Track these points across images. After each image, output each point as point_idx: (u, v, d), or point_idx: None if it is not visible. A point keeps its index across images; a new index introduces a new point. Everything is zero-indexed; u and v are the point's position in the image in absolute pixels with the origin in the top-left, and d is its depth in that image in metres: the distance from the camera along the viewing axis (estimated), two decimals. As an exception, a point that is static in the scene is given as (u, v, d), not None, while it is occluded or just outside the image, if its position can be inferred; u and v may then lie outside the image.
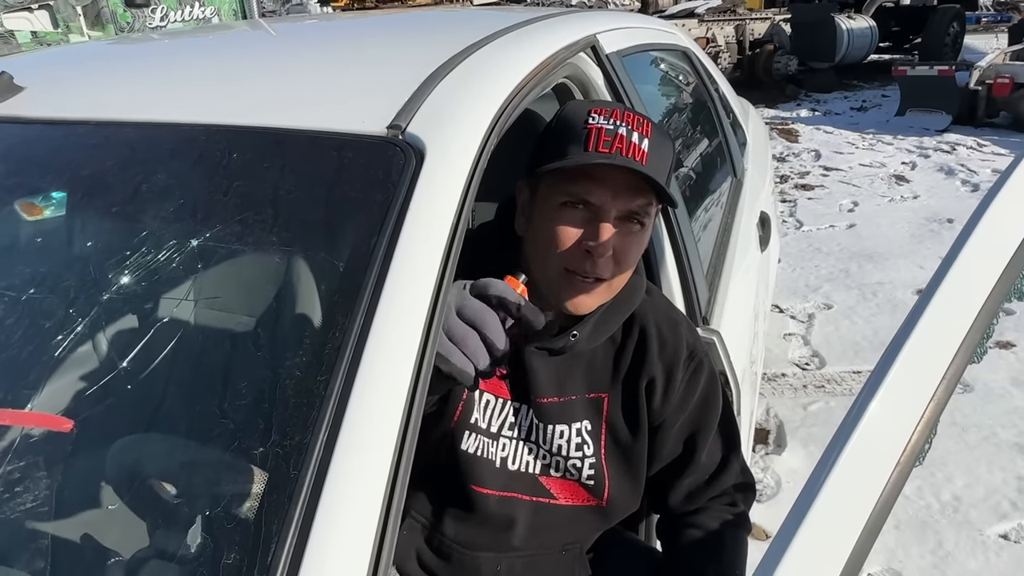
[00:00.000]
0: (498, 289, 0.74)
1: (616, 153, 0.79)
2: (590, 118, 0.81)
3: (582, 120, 0.82)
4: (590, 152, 0.79)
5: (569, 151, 0.80)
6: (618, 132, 0.80)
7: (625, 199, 0.81)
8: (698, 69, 2.26)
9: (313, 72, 0.99)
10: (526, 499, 0.94)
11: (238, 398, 0.57)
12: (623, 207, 0.81)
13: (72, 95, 0.97)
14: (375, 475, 0.53)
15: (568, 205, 0.82)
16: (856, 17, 10.28)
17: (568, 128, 0.83)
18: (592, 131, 0.80)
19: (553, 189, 0.83)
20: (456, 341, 0.70)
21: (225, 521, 0.52)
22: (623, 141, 0.79)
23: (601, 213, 0.81)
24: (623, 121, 0.81)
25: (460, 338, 0.70)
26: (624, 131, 0.80)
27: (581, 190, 0.81)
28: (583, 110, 0.83)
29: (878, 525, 0.45)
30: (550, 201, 0.83)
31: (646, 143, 0.80)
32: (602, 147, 0.79)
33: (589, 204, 0.81)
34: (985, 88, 7.16)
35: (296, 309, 0.67)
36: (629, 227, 0.83)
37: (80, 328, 0.65)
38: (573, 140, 0.81)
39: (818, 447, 2.48)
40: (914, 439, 0.46)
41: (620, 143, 0.79)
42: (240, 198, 0.70)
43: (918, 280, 3.79)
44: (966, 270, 0.52)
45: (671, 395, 0.94)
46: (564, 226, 0.82)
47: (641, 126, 0.81)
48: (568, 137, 0.82)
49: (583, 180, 0.81)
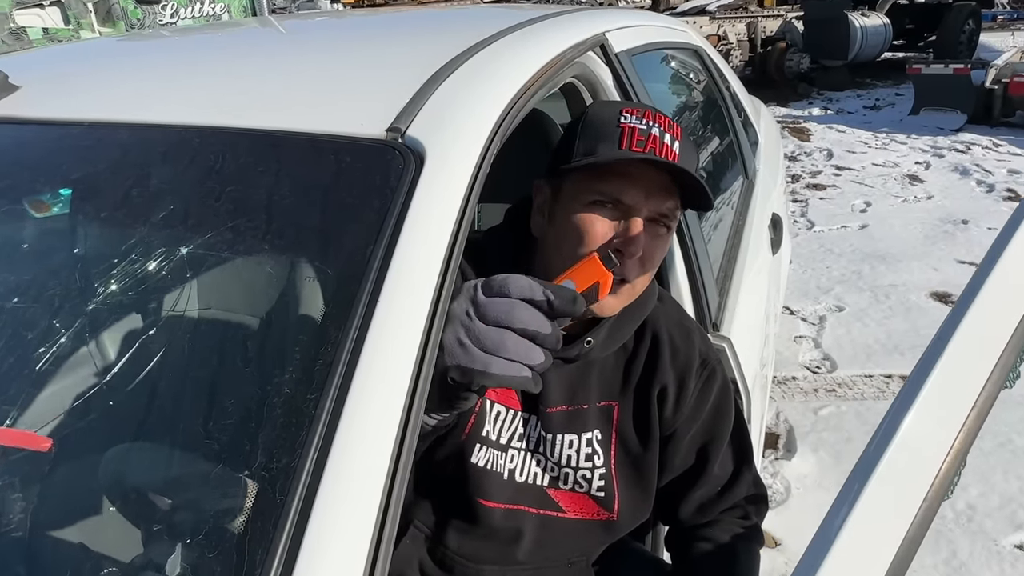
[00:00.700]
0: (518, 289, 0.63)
1: (650, 152, 0.77)
2: (622, 117, 0.80)
3: (614, 119, 0.80)
4: (624, 150, 0.77)
5: (599, 149, 0.79)
6: (651, 132, 0.78)
7: (658, 200, 0.80)
8: (709, 68, 2.22)
9: (313, 72, 0.96)
10: (533, 512, 0.91)
11: (222, 417, 0.54)
12: (655, 208, 0.80)
13: (67, 95, 0.95)
14: (366, 501, 0.50)
15: (598, 204, 0.79)
16: (870, 14, 10.16)
17: (598, 126, 0.81)
18: (625, 130, 0.78)
19: (582, 187, 0.80)
20: (492, 349, 0.60)
21: (206, 550, 0.49)
22: (656, 141, 0.78)
23: (633, 212, 0.79)
24: (656, 122, 0.80)
25: (496, 345, 0.60)
26: (657, 132, 0.79)
27: (613, 188, 0.79)
28: (614, 109, 0.82)
29: (904, 564, 0.42)
30: (578, 199, 0.80)
31: (677, 145, 0.79)
32: (636, 146, 0.77)
33: (620, 203, 0.79)
34: (1001, 87, 7.06)
35: (286, 322, 0.64)
36: (656, 230, 0.81)
37: (63, 339, 0.62)
38: (604, 139, 0.79)
39: (828, 453, 2.44)
40: (943, 472, 0.43)
41: (654, 143, 0.78)
42: (231, 203, 0.67)
43: (932, 282, 3.73)
44: (1000, 287, 0.48)
45: (683, 404, 0.92)
46: (593, 224, 0.79)
47: (672, 128, 0.80)
48: (599, 135, 0.80)
49: (615, 178, 0.79)
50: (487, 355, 0.61)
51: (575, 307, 0.65)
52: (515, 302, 0.63)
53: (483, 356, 0.61)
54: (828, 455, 2.43)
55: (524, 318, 0.62)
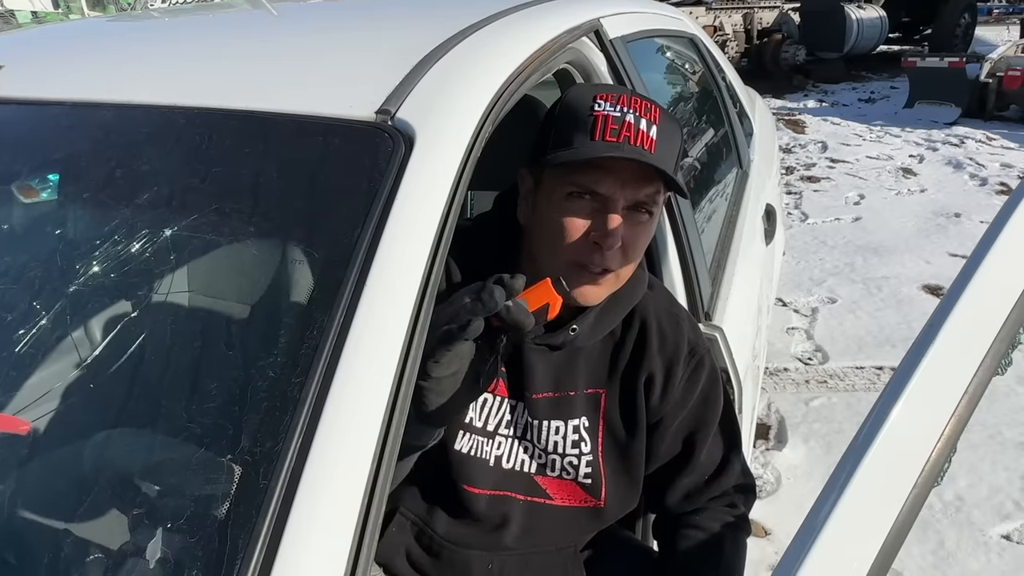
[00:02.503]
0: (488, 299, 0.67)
1: (624, 142, 0.76)
2: (595, 104, 0.78)
3: (587, 106, 0.79)
4: (596, 142, 0.76)
5: (575, 140, 0.78)
6: (625, 120, 0.77)
7: (633, 188, 0.79)
8: (705, 57, 2.20)
9: (303, 54, 0.95)
10: (520, 498, 0.91)
11: (206, 401, 0.54)
12: (631, 197, 0.79)
13: (50, 74, 0.93)
14: (352, 486, 0.49)
15: (575, 196, 0.79)
16: (866, 7, 10.14)
17: (573, 115, 0.79)
18: (598, 119, 0.77)
19: (559, 179, 0.80)
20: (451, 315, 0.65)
21: (188, 535, 0.48)
22: (631, 129, 0.77)
23: (609, 203, 0.78)
24: (630, 107, 0.78)
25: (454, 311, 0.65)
26: (631, 118, 0.77)
27: (588, 180, 0.78)
28: (588, 95, 0.80)
29: (893, 550, 0.42)
30: (556, 191, 0.80)
31: (654, 130, 0.78)
32: (609, 135, 0.76)
33: (596, 194, 0.78)
34: (996, 81, 7.07)
35: (271, 305, 0.63)
36: (637, 217, 0.81)
37: (46, 322, 0.61)
38: (579, 128, 0.78)
39: (819, 443, 2.45)
40: (933, 459, 0.43)
41: (628, 131, 0.76)
42: (217, 185, 0.66)
43: (924, 275, 3.74)
44: (991, 276, 0.48)
45: (670, 392, 0.92)
46: (571, 218, 0.79)
47: (649, 112, 0.79)
48: (573, 124, 0.79)
49: (590, 170, 0.78)
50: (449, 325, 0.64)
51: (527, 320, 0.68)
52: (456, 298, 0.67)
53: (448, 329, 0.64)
54: (819, 446, 2.44)
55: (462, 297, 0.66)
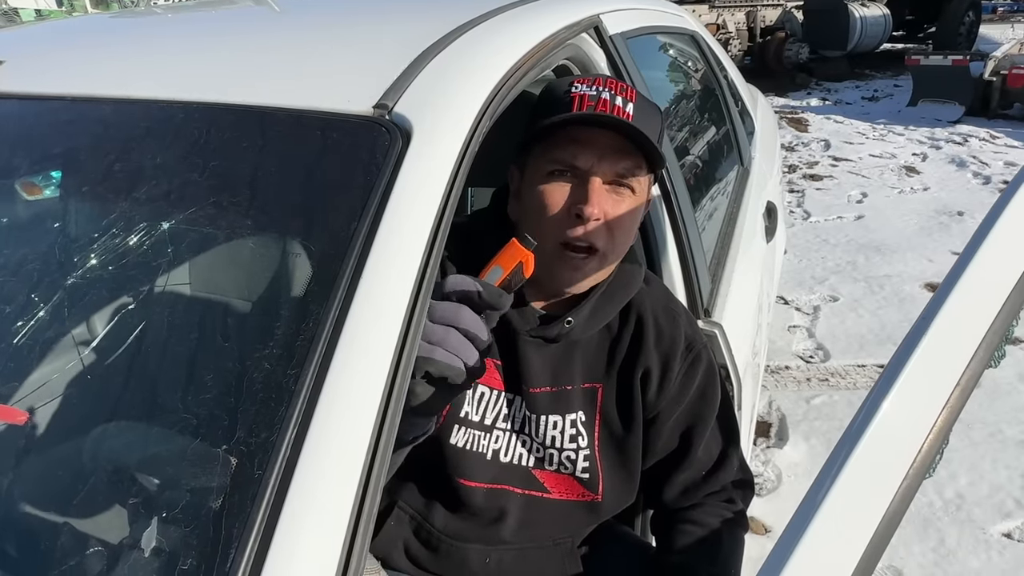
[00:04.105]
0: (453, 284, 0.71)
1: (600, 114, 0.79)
2: (573, 87, 0.82)
3: (564, 90, 0.82)
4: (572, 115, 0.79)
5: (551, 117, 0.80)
6: (601, 96, 0.80)
7: (612, 160, 0.80)
8: (706, 54, 2.20)
9: (301, 48, 0.95)
10: (518, 492, 0.91)
11: (201, 391, 0.54)
12: (610, 168, 0.81)
13: (51, 69, 0.93)
14: (346, 476, 0.49)
15: (556, 174, 0.81)
16: (870, 4, 10.11)
17: (551, 100, 0.83)
18: (575, 98, 0.80)
19: (540, 161, 0.82)
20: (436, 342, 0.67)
21: (183, 523, 0.49)
22: (606, 104, 0.79)
23: (589, 176, 0.80)
24: (606, 87, 0.81)
25: (440, 339, 0.67)
26: (607, 95, 0.80)
27: (567, 155, 0.80)
28: (565, 82, 0.84)
29: (884, 541, 0.42)
30: (538, 173, 0.83)
31: (631, 106, 0.80)
32: (585, 111, 0.79)
33: (576, 169, 0.81)
34: (1000, 79, 7.04)
35: (267, 297, 0.64)
36: (619, 191, 0.82)
37: (44, 315, 0.61)
38: (557, 110, 0.80)
39: (820, 441, 2.45)
40: (925, 449, 0.43)
41: (604, 106, 0.79)
42: (215, 179, 0.66)
43: (926, 274, 3.74)
44: (984, 268, 0.48)
45: (666, 387, 0.92)
46: (552, 193, 0.81)
47: (625, 91, 0.82)
48: (552, 108, 0.81)
49: (568, 144, 0.80)
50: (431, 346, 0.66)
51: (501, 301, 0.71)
52: (460, 306, 0.69)
53: (427, 346, 0.66)
54: (820, 443, 2.44)
55: (467, 320, 0.68)
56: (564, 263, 0.82)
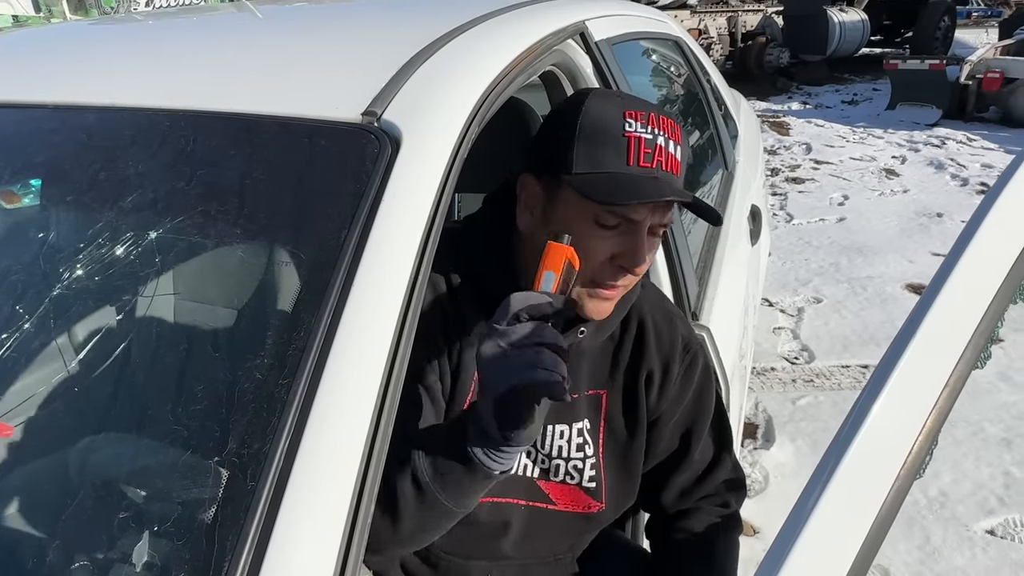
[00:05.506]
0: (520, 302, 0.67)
1: (658, 168, 0.75)
2: (627, 124, 0.75)
3: (618, 126, 0.75)
4: (632, 168, 0.74)
5: (607, 161, 0.75)
6: (657, 143, 0.75)
7: (662, 214, 0.78)
8: (690, 59, 2.22)
9: (288, 56, 0.94)
10: (522, 504, 0.90)
11: (192, 402, 0.53)
12: (658, 221, 0.78)
13: (31, 77, 0.92)
14: (340, 487, 0.49)
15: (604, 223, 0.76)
16: (848, 10, 10.27)
17: (601, 132, 0.76)
18: (631, 141, 0.74)
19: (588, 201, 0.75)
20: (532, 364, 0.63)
21: (175, 536, 0.48)
22: (662, 153, 0.75)
23: (638, 228, 0.76)
24: (660, 128, 0.76)
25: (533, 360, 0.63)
26: (662, 140, 0.75)
27: (625, 209, 0.75)
28: (616, 112, 0.76)
29: (877, 542, 0.42)
30: (580, 213, 0.76)
31: (679, 151, 0.77)
32: (643, 160, 0.74)
33: (628, 221, 0.76)
34: (975, 83, 7.19)
35: (258, 307, 0.63)
36: (654, 237, 0.80)
37: (29, 327, 0.60)
38: (609, 147, 0.75)
39: (806, 442, 2.47)
40: (915, 451, 0.43)
41: (660, 156, 0.75)
42: (203, 188, 0.66)
43: (907, 274, 3.79)
44: (969, 272, 0.49)
45: (667, 389, 0.92)
46: (600, 243, 0.76)
47: (674, 132, 0.77)
48: (603, 143, 0.75)
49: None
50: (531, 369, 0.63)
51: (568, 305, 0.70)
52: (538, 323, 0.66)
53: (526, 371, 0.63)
54: (806, 444, 2.46)
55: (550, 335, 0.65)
56: (592, 297, 0.80)
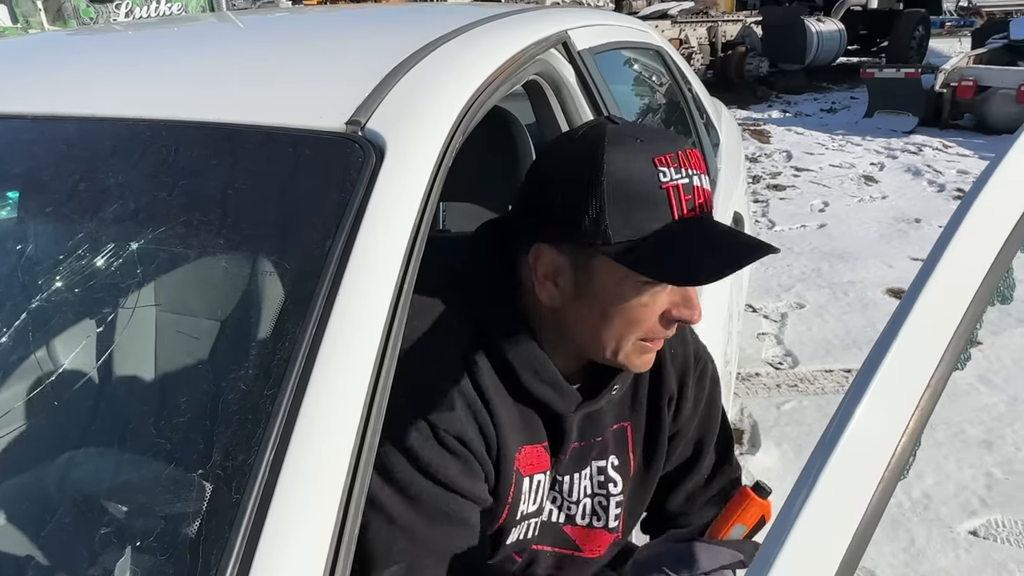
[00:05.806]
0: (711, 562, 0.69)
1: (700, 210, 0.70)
2: (660, 174, 0.68)
3: (653, 180, 0.68)
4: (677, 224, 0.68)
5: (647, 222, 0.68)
6: (694, 185, 0.69)
7: None
8: (671, 68, 2.24)
9: (271, 65, 0.94)
10: (548, 550, 0.87)
11: (175, 415, 0.53)
12: None
13: (9, 88, 0.91)
14: (327, 499, 0.48)
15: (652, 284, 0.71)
16: (825, 20, 10.46)
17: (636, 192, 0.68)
18: (670, 191, 0.68)
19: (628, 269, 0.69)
20: None
21: (158, 551, 0.47)
22: (700, 194, 0.69)
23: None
24: (691, 167, 0.70)
25: None
26: (697, 180, 0.70)
27: None
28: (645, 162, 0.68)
29: (862, 545, 0.43)
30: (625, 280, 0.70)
31: (706, 180, 0.72)
32: (687, 209, 0.68)
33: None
34: (950, 91, 7.32)
35: (242, 317, 0.63)
36: None
37: (6, 339, 0.59)
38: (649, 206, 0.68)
39: (791, 446, 2.49)
40: (899, 452, 0.44)
41: (700, 198, 0.69)
42: (186, 199, 0.65)
43: (887, 279, 3.84)
44: (948, 275, 0.49)
45: (684, 406, 0.91)
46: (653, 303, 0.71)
47: (699, 163, 0.71)
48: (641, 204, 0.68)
49: None
50: None
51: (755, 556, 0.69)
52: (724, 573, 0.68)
53: None
54: (791, 448, 2.48)
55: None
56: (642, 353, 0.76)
